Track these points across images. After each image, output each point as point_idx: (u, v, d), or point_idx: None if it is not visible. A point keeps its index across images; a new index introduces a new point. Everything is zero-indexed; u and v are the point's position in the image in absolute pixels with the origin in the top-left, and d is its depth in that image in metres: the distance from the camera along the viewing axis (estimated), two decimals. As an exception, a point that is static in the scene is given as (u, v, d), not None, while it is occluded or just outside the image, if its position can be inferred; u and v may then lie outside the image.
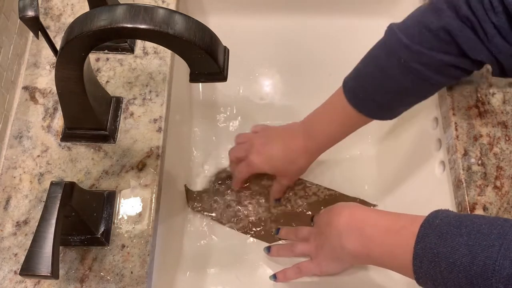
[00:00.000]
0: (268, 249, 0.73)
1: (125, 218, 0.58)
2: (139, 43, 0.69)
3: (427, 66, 0.57)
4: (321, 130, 0.69)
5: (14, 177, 0.59)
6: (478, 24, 0.53)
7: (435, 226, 0.47)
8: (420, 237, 0.47)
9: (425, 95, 0.63)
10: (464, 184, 0.61)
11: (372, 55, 0.62)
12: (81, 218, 0.53)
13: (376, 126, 0.85)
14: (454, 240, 0.44)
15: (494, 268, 0.41)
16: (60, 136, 0.62)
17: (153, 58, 0.68)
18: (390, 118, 0.65)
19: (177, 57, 0.50)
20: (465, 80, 0.67)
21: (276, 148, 0.72)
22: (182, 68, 0.59)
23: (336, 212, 0.61)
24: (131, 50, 0.68)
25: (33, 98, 0.64)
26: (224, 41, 0.47)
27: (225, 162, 0.83)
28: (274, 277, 0.70)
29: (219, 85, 0.86)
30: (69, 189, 0.49)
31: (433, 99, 0.71)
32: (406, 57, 0.57)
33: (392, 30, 0.59)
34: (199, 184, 0.81)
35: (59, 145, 0.61)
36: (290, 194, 0.80)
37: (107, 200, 0.58)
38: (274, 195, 0.78)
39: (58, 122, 0.63)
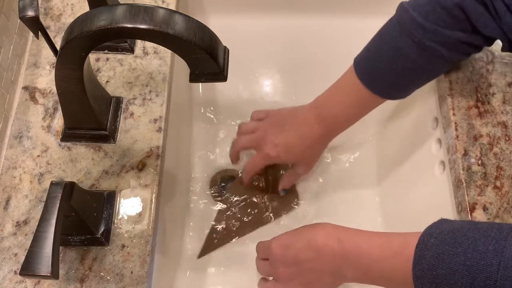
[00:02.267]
0: None
1: (125, 218, 0.58)
2: (139, 43, 0.69)
3: (442, 44, 0.58)
4: (336, 114, 0.68)
5: (14, 177, 0.59)
6: (490, 1, 0.53)
7: (430, 246, 0.46)
8: (417, 259, 0.47)
9: (438, 73, 0.64)
10: (464, 184, 0.61)
11: (385, 35, 0.62)
12: (81, 218, 0.53)
13: (376, 126, 0.85)
14: (451, 261, 0.44)
15: None
16: (60, 136, 0.62)
17: (153, 58, 0.68)
18: (403, 97, 0.66)
19: (177, 57, 0.50)
20: (465, 80, 0.67)
21: (291, 137, 0.70)
22: (182, 68, 0.59)
23: (320, 246, 0.56)
24: (131, 50, 0.68)
25: (33, 98, 0.64)
26: (224, 41, 0.47)
27: (225, 162, 0.83)
28: None
29: (219, 85, 0.86)
30: (69, 189, 0.49)
31: (433, 99, 0.71)
32: (421, 36, 0.57)
33: (404, 8, 0.59)
34: (198, 183, 0.81)
35: (59, 145, 0.61)
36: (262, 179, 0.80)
37: (107, 200, 0.58)
38: (285, 184, 0.77)
39: (58, 122, 0.63)
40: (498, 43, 0.59)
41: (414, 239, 0.48)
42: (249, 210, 0.79)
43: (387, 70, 0.61)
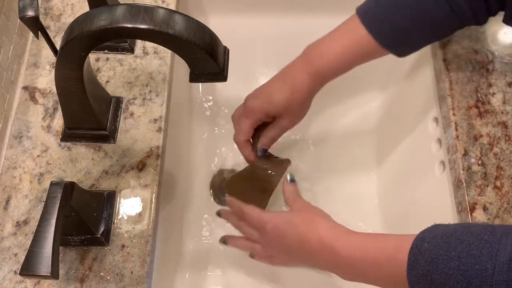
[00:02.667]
0: (224, 242, 0.68)
1: (125, 218, 0.58)
2: (139, 43, 0.69)
3: None
4: (325, 52, 0.62)
5: (14, 177, 0.59)
6: None
7: (423, 251, 0.46)
8: (411, 264, 0.46)
9: (439, 28, 0.60)
10: (464, 184, 0.61)
11: None
12: (81, 218, 0.53)
13: (376, 126, 0.85)
14: (446, 266, 0.44)
15: None
16: (60, 136, 0.62)
17: (153, 58, 0.68)
18: (402, 53, 0.61)
19: (177, 57, 0.50)
20: (465, 80, 0.67)
21: (274, 83, 0.66)
22: (182, 68, 0.59)
23: (314, 250, 0.57)
24: (131, 50, 0.68)
25: (33, 98, 0.64)
26: (224, 41, 0.47)
27: (225, 163, 0.83)
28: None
29: (219, 85, 0.86)
30: (69, 189, 0.49)
31: (433, 99, 0.71)
32: None
33: None
34: (198, 183, 0.81)
35: (59, 145, 0.61)
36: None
37: (107, 200, 0.58)
38: (266, 141, 0.69)
39: (58, 122, 0.63)
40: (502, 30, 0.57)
41: (407, 243, 0.48)
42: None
43: (391, 9, 0.58)
